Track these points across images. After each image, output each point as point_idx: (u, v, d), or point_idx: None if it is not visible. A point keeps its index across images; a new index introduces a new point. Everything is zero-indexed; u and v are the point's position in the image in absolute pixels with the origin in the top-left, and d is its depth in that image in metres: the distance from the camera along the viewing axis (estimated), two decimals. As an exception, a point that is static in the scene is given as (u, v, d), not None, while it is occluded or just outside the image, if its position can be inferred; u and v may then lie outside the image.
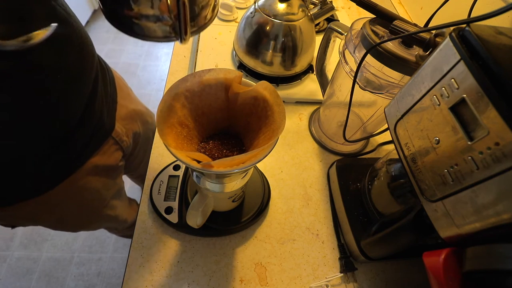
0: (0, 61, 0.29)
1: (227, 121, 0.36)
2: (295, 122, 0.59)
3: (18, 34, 0.29)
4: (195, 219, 0.35)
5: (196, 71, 0.32)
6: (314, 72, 0.64)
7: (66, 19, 0.35)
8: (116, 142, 0.52)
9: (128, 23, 0.26)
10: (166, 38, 0.27)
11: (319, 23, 0.73)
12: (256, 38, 0.57)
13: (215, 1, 0.29)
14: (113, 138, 0.51)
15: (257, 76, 0.61)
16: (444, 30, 0.33)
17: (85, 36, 0.40)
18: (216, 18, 0.76)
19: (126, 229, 0.80)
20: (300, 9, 0.55)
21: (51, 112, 0.37)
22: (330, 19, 0.77)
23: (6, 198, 0.41)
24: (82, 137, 0.44)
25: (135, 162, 0.70)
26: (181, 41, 0.26)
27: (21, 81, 0.32)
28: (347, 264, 0.42)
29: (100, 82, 0.47)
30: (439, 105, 0.25)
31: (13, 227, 0.50)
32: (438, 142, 0.25)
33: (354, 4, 0.42)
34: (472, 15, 0.26)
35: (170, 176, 0.47)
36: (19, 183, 0.41)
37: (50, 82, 0.35)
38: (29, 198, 0.42)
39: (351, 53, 0.41)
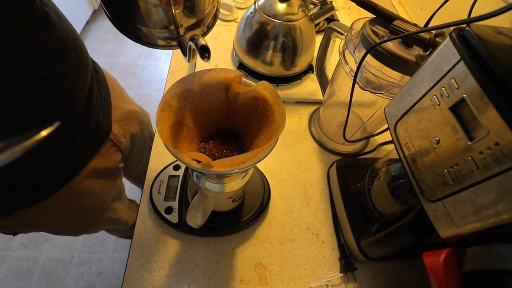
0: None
1: (227, 121, 0.36)
2: (295, 122, 0.59)
3: (15, 40, 0.29)
4: (195, 219, 0.35)
5: (196, 71, 0.32)
6: (314, 72, 0.64)
7: (60, 24, 0.35)
8: (114, 144, 0.52)
9: (135, 32, 0.26)
10: (169, 47, 0.28)
11: (319, 23, 0.73)
12: (256, 38, 0.57)
13: (216, 10, 0.29)
14: (111, 140, 0.51)
15: (257, 76, 0.61)
16: (444, 30, 0.33)
17: (78, 40, 0.40)
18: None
19: (126, 231, 0.80)
20: (300, 9, 0.55)
21: (50, 121, 0.37)
22: (330, 19, 0.77)
23: (7, 207, 0.41)
24: (80, 142, 0.43)
25: (133, 163, 0.70)
26: (188, 61, 0.26)
27: (19, 94, 0.32)
28: (347, 264, 0.42)
29: (95, 84, 0.47)
30: (439, 105, 0.25)
31: (14, 234, 0.50)
32: (438, 142, 0.25)
33: (354, 4, 0.42)
34: (472, 15, 0.26)
35: (170, 176, 0.47)
36: (19, 191, 0.41)
37: (48, 91, 0.35)
38: (30, 206, 0.42)
39: (351, 53, 0.41)
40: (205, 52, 0.24)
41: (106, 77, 0.56)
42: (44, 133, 0.19)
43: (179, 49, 0.28)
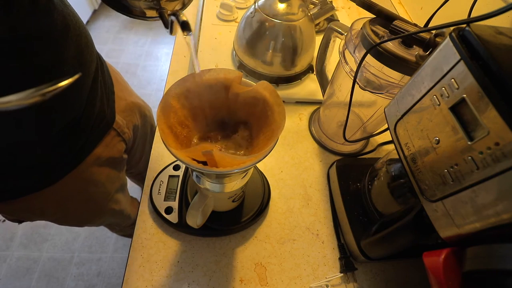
0: (6, 63, 0.29)
1: (227, 121, 0.36)
2: (295, 122, 0.59)
3: (22, 21, 0.29)
4: (195, 219, 0.35)
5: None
6: (314, 72, 0.64)
7: (63, 9, 0.35)
8: (118, 134, 0.53)
9: (118, 2, 0.27)
10: (151, 18, 0.29)
11: (319, 23, 0.73)
12: (256, 38, 0.57)
13: None
14: (114, 129, 0.52)
15: (257, 76, 0.61)
16: (444, 30, 0.33)
17: (83, 27, 0.41)
18: (216, 18, 0.76)
19: (128, 227, 0.80)
20: (300, 9, 0.55)
21: (56, 107, 0.38)
22: (330, 19, 0.77)
23: (15, 192, 0.42)
24: (85, 128, 0.44)
25: (135, 157, 0.71)
26: (171, 34, 0.28)
27: (26, 81, 0.32)
28: (347, 264, 0.42)
29: (100, 73, 0.47)
30: (439, 105, 0.25)
31: (20, 222, 0.51)
32: (438, 142, 0.25)
33: (354, 4, 0.42)
34: (472, 15, 0.26)
35: (170, 176, 0.47)
36: (26, 177, 0.41)
37: (54, 76, 0.35)
38: (36, 191, 0.43)
39: (351, 53, 0.41)
40: (185, 28, 0.25)
41: (110, 69, 0.56)
42: (68, 81, 0.20)
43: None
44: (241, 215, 0.44)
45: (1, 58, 0.29)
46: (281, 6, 0.54)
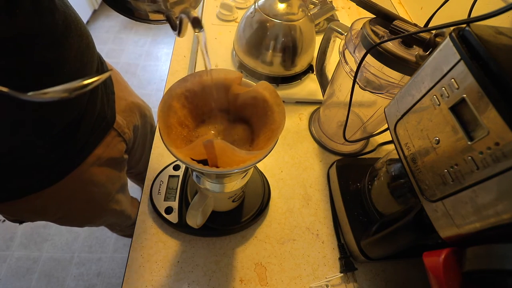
0: (6, 62, 0.30)
1: (227, 121, 0.36)
2: (295, 122, 0.59)
3: (25, 20, 0.29)
4: (195, 219, 0.35)
5: (196, 71, 0.32)
6: (314, 72, 0.64)
7: (64, 9, 0.35)
8: (118, 134, 0.53)
9: (124, 5, 0.26)
10: (159, 22, 0.28)
11: (319, 23, 0.73)
12: (256, 38, 0.57)
13: None
14: (115, 129, 0.52)
15: (257, 76, 0.61)
16: (444, 30, 0.33)
17: (84, 27, 0.41)
18: (216, 18, 0.76)
19: (128, 227, 0.80)
20: (300, 9, 0.55)
21: (57, 106, 0.38)
22: (330, 19, 0.77)
23: (16, 192, 0.42)
24: (85, 128, 0.44)
25: (135, 157, 0.71)
26: (179, 36, 0.27)
27: (26, 79, 0.32)
28: (347, 264, 0.42)
29: (100, 73, 0.47)
30: (439, 105, 0.25)
31: (21, 222, 0.51)
32: (438, 142, 0.25)
33: (354, 4, 0.42)
34: (472, 15, 0.26)
35: (170, 176, 0.47)
36: (27, 177, 0.42)
37: (55, 75, 0.35)
38: (37, 191, 0.43)
39: (351, 53, 0.41)
40: (197, 24, 0.25)
41: (110, 69, 0.57)
42: (100, 77, 0.21)
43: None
44: (241, 215, 0.44)
45: (1, 57, 0.29)
46: (281, 6, 0.54)
